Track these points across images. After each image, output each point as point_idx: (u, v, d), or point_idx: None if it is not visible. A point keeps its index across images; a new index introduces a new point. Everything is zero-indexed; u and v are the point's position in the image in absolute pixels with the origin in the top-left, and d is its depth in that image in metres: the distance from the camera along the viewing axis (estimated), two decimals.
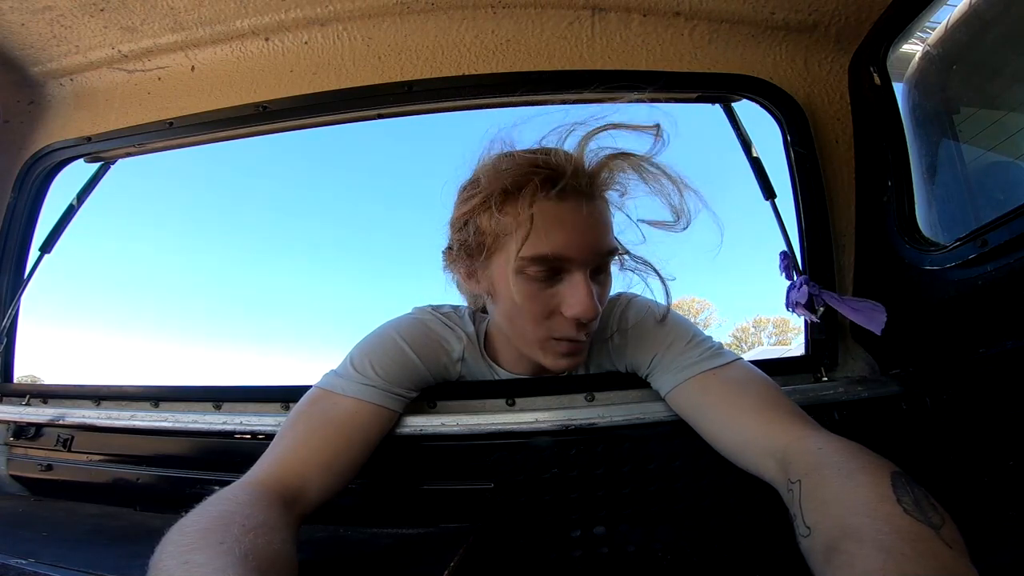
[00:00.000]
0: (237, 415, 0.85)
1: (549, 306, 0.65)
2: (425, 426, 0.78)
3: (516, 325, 0.70)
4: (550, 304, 0.65)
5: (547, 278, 0.64)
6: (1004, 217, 0.63)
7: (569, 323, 0.65)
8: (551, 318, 0.65)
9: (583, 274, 0.63)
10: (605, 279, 0.69)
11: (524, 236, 0.61)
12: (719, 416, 0.67)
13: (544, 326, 0.66)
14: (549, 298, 0.65)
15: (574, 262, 0.63)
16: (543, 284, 0.64)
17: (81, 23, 1.06)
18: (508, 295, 0.65)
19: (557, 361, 0.69)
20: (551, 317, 0.65)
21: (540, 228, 0.61)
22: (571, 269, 0.63)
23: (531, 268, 0.63)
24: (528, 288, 0.64)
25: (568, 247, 0.62)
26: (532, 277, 0.64)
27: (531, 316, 0.66)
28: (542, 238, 0.61)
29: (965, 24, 0.89)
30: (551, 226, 0.61)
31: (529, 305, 0.65)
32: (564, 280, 0.64)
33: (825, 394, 0.81)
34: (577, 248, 0.62)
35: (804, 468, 0.53)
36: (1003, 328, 0.68)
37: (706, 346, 0.72)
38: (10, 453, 0.98)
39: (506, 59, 1.04)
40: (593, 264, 0.65)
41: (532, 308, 0.65)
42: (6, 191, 1.19)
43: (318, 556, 0.61)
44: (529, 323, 0.67)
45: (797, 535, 0.50)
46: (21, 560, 0.53)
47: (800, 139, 0.93)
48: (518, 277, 0.64)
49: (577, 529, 0.75)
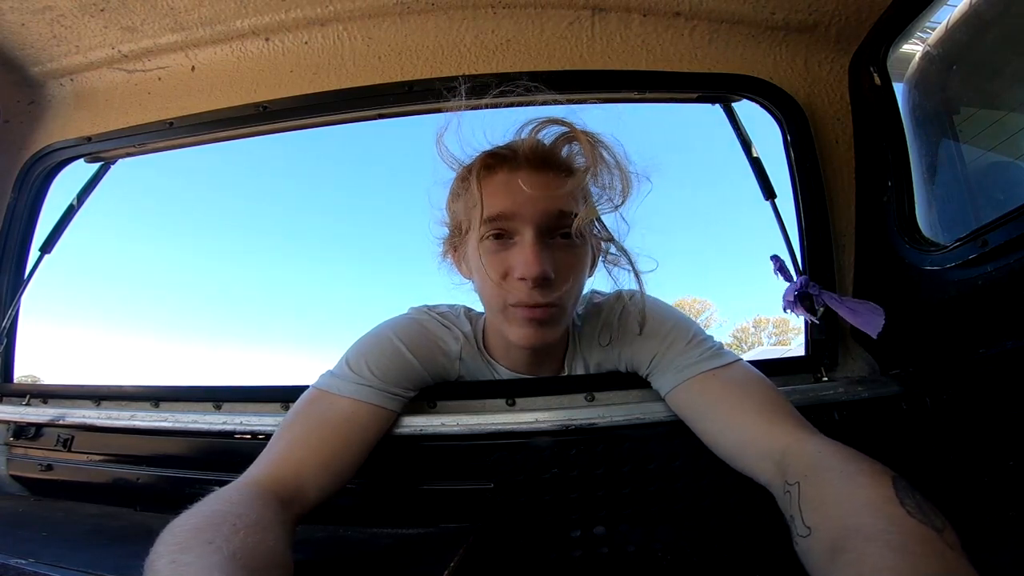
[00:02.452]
0: (237, 415, 0.85)
1: (503, 269, 0.68)
2: (425, 426, 0.77)
3: (485, 297, 0.74)
4: (504, 267, 0.68)
5: (501, 241, 0.69)
6: (1004, 217, 0.63)
7: (520, 285, 0.67)
8: (507, 281, 0.68)
9: (532, 234, 0.66)
10: (569, 248, 0.70)
11: (479, 205, 0.68)
12: (718, 417, 0.67)
13: (501, 291, 0.69)
14: (502, 261, 0.68)
15: (521, 220, 0.67)
16: (499, 247, 0.69)
17: (81, 23, 1.06)
18: (478, 266, 0.71)
19: (519, 331, 0.70)
20: (507, 279, 0.68)
21: (490, 195, 0.68)
22: (521, 231, 0.67)
23: (486, 232, 0.69)
24: (486, 254, 0.69)
25: (513, 205, 0.67)
26: (488, 241, 0.69)
27: (491, 282, 0.69)
28: (492, 203, 0.68)
29: (965, 24, 0.89)
30: (499, 192, 0.68)
31: (489, 270, 0.69)
32: (516, 243, 0.68)
33: (825, 394, 0.81)
34: (520, 205, 0.66)
35: (802, 470, 0.53)
36: (1003, 328, 0.68)
37: (706, 346, 0.72)
38: (10, 453, 0.98)
39: (506, 59, 1.04)
40: (543, 224, 0.67)
41: (491, 273, 0.69)
42: (6, 191, 1.19)
43: (318, 556, 0.61)
44: (491, 290, 0.70)
45: (794, 536, 0.50)
46: (21, 560, 0.53)
47: (800, 139, 0.93)
48: (480, 245, 0.70)
49: (577, 529, 0.75)
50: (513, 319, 0.70)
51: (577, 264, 0.71)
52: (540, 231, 0.67)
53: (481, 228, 0.69)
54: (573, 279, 0.70)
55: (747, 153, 1.01)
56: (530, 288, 0.66)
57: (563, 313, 0.71)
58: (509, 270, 0.68)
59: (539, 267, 0.64)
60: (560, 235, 0.69)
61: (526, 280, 0.65)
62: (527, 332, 0.69)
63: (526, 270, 0.65)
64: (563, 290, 0.68)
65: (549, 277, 0.66)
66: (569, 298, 0.71)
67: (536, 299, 0.67)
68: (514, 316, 0.69)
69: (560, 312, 0.70)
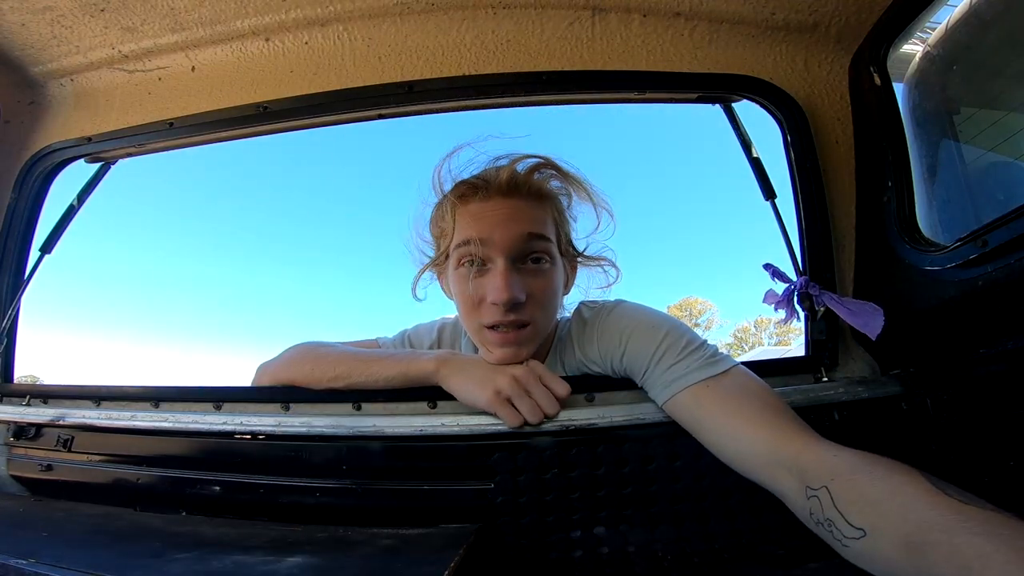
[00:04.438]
0: (237, 415, 0.84)
1: (478, 295, 0.74)
2: (425, 426, 0.77)
3: (464, 320, 0.80)
4: (479, 293, 0.74)
5: (475, 267, 0.75)
6: (1004, 217, 0.62)
7: (492, 309, 0.73)
8: (480, 306, 0.75)
9: (503, 261, 0.72)
10: (539, 272, 0.75)
11: (452, 233, 0.77)
12: (717, 427, 0.67)
13: (476, 315, 0.76)
14: (477, 288, 0.75)
15: (492, 246, 0.73)
16: (473, 274, 0.75)
17: (81, 23, 1.06)
18: (456, 291, 0.78)
19: (494, 352, 0.76)
20: (480, 305, 0.75)
21: (463, 223, 0.76)
22: (494, 258, 0.73)
23: (459, 257, 0.76)
24: (461, 279, 0.76)
25: (482, 231, 0.73)
26: (462, 267, 0.76)
27: (467, 306, 0.76)
28: (464, 229, 0.75)
29: (965, 24, 0.89)
30: (472, 219, 0.75)
31: (464, 296, 0.76)
32: (489, 270, 0.74)
33: (825, 394, 0.81)
34: (489, 230, 0.73)
35: (826, 474, 0.53)
36: (1003, 328, 0.68)
37: (699, 354, 0.71)
38: (10, 453, 0.98)
39: (506, 59, 1.04)
40: (514, 250, 0.73)
41: (466, 298, 0.76)
42: (6, 191, 1.19)
43: (318, 556, 0.61)
44: (468, 313, 0.77)
45: (839, 539, 0.50)
46: (21, 560, 0.53)
47: (800, 139, 0.93)
48: (456, 272, 0.77)
49: (577, 530, 0.75)
50: (488, 340, 0.76)
51: (548, 286, 0.76)
52: (510, 257, 0.73)
53: (454, 254, 0.76)
54: (545, 300, 0.75)
55: (747, 153, 1.01)
56: (503, 312, 0.71)
57: (536, 332, 0.76)
58: (483, 296, 0.74)
59: (508, 292, 0.70)
60: (531, 259, 0.75)
61: (498, 304, 0.71)
62: (502, 352, 0.75)
63: (497, 295, 0.70)
64: (535, 311, 0.74)
65: (519, 301, 0.71)
66: (542, 318, 0.76)
67: (509, 320, 0.72)
68: (489, 338, 0.75)
69: (533, 331, 0.76)
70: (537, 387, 0.73)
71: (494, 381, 0.72)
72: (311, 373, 0.83)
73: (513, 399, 0.72)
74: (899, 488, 0.47)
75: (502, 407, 0.72)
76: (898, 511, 0.46)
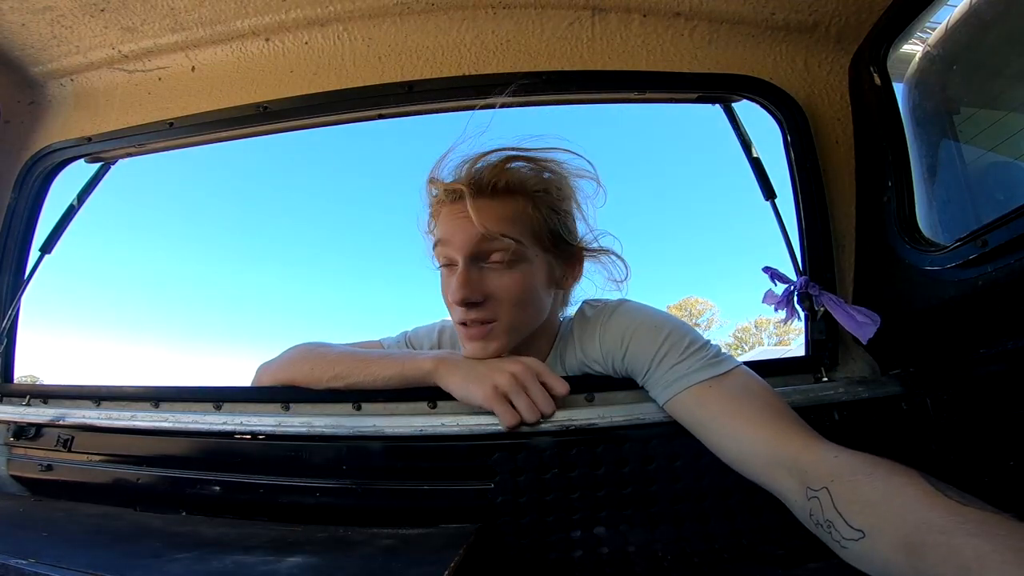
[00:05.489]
0: (237, 415, 0.84)
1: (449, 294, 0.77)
2: (425, 426, 0.78)
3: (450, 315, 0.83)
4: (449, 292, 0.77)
5: (450, 268, 0.78)
6: (1004, 217, 0.62)
7: (457, 307, 0.76)
8: (453, 304, 0.77)
9: (463, 261, 0.74)
10: (501, 270, 0.75)
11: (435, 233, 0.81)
12: (718, 427, 0.67)
13: (452, 313, 0.79)
14: (447, 287, 0.78)
15: (454, 247, 0.75)
16: (447, 274, 0.79)
17: (81, 23, 1.06)
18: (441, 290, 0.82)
19: (466, 346, 0.78)
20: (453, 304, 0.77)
21: (440, 225, 0.80)
22: (456, 258, 0.75)
23: (438, 258, 0.80)
24: (442, 279, 0.81)
25: (446, 232, 0.77)
26: (443, 269, 0.80)
27: (446, 305, 0.80)
28: (438, 231, 0.79)
29: (965, 24, 0.89)
30: (443, 221, 0.78)
31: (443, 295, 0.80)
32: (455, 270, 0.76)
33: (825, 394, 0.81)
34: (451, 232, 0.76)
35: (826, 475, 0.54)
36: (1003, 328, 0.68)
37: (702, 354, 0.71)
38: (10, 453, 0.98)
39: (506, 59, 1.04)
40: (471, 249, 0.74)
41: (444, 297, 0.80)
42: (6, 191, 1.19)
43: (318, 556, 0.61)
44: (449, 311, 0.80)
45: (837, 540, 0.50)
46: (21, 560, 0.53)
47: (800, 139, 0.93)
48: (439, 272, 0.82)
49: (577, 530, 0.75)
50: (461, 336, 0.79)
51: (513, 284, 0.75)
52: (468, 257, 0.74)
53: (435, 256, 0.81)
54: (512, 298, 0.75)
55: (747, 153, 1.01)
56: (465, 311, 0.74)
57: (505, 328, 0.77)
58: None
59: (461, 292, 0.73)
60: (494, 258, 0.75)
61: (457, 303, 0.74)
62: (472, 347, 0.77)
63: (452, 295, 0.74)
64: (498, 309, 0.75)
65: (472, 301, 0.73)
66: (513, 314, 0.77)
67: (471, 318, 0.75)
68: (461, 333, 0.79)
69: (500, 327, 0.76)
70: (535, 385, 0.73)
71: (492, 377, 0.73)
72: (311, 373, 0.83)
73: (510, 396, 0.72)
74: (898, 490, 0.47)
75: (499, 403, 0.72)
76: (897, 512, 0.46)
